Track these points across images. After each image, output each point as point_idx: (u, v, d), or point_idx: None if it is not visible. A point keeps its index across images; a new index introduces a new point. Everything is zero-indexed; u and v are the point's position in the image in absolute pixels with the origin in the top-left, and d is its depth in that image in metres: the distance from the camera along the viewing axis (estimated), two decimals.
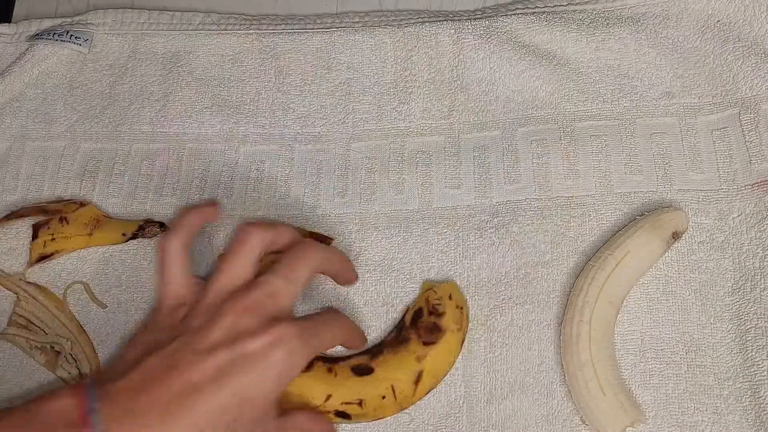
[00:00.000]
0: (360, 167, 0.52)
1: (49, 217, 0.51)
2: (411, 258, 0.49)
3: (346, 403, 0.44)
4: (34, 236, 0.51)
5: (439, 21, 0.55)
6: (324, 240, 0.49)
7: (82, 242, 0.51)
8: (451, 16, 0.56)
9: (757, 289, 0.45)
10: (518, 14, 0.54)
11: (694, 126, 0.49)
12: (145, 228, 0.51)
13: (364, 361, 0.45)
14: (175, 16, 0.59)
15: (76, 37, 0.58)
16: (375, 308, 0.48)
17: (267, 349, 0.37)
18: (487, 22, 0.54)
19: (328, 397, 0.44)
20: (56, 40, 0.58)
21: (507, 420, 0.44)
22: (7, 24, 0.61)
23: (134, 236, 0.51)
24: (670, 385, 0.44)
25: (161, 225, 0.51)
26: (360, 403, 0.44)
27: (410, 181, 0.51)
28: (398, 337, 0.46)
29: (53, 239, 0.51)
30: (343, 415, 0.44)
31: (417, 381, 0.44)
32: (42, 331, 0.49)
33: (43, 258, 0.51)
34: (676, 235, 0.45)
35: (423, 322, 0.45)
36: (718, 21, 0.51)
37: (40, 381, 0.49)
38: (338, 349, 0.46)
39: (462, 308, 0.46)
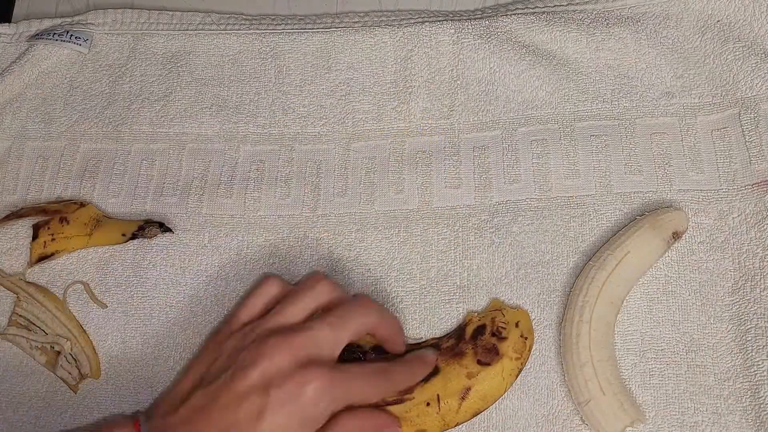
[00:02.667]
0: (360, 167, 0.52)
1: (49, 217, 0.51)
2: (411, 258, 0.49)
3: (393, 400, 0.44)
4: (35, 236, 0.51)
5: (439, 21, 0.55)
6: None
7: (82, 242, 0.51)
8: (451, 16, 0.56)
9: (757, 289, 0.45)
10: (518, 14, 0.54)
11: (694, 126, 0.49)
12: (145, 228, 0.51)
13: None
14: (175, 16, 0.59)
15: (76, 37, 0.58)
16: None
17: (295, 395, 0.38)
18: (487, 22, 0.54)
19: None
20: (56, 40, 0.58)
21: (507, 420, 0.44)
22: (7, 24, 0.61)
23: (134, 236, 0.51)
24: (670, 385, 0.44)
25: (161, 225, 0.51)
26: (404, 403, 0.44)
27: (410, 181, 0.51)
28: (455, 348, 0.45)
29: (53, 239, 0.51)
30: None
31: (463, 398, 0.44)
32: (42, 331, 0.49)
33: (43, 258, 0.51)
34: (676, 235, 0.45)
35: (483, 340, 0.45)
36: (718, 21, 0.51)
37: (40, 381, 0.49)
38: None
39: (527, 339, 0.45)
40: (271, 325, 0.41)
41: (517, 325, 0.45)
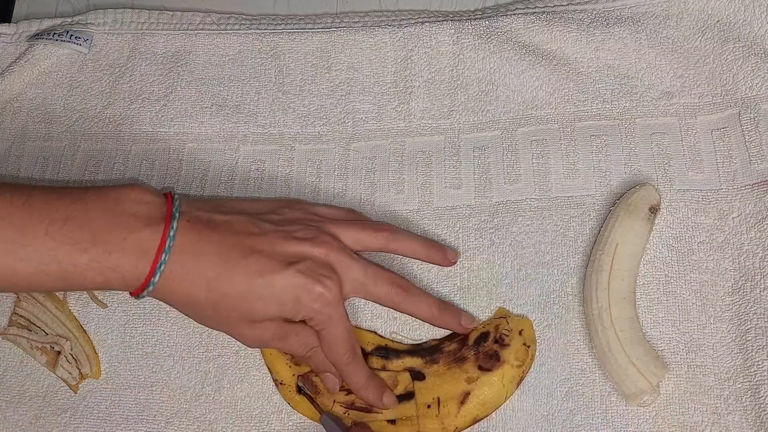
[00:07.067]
0: (360, 167, 0.52)
1: None
2: (411, 259, 0.49)
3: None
4: None
5: (439, 21, 0.55)
6: None
7: None
8: (451, 16, 0.56)
9: (757, 289, 0.45)
10: (518, 14, 0.54)
11: (694, 126, 0.49)
12: None
13: (419, 366, 0.45)
14: (175, 16, 0.59)
15: (76, 37, 0.58)
16: (375, 308, 0.48)
17: (295, 287, 0.41)
18: (487, 22, 0.54)
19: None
20: (56, 40, 0.58)
21: (507, 420, 0.44)
22: (7, 24, 0.61)
23: None
24: (670, 386, 0.44)
25: None
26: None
27: (410, 181, 0.51)
28: (457, 353, 0.45)
29: None
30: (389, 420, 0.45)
31: (462, 402, 0.44)
32: (42, 331, 0.49)
33: None
34: (653, 209, 0.45)
35: (485, 347, 0.45)
36: (718, 21, 0.51)
37: (40, 381, 0.49)
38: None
39: (529, 347, 0.45)
40: (331, 229, 0.45)
41: (520, 333, 0.45)
